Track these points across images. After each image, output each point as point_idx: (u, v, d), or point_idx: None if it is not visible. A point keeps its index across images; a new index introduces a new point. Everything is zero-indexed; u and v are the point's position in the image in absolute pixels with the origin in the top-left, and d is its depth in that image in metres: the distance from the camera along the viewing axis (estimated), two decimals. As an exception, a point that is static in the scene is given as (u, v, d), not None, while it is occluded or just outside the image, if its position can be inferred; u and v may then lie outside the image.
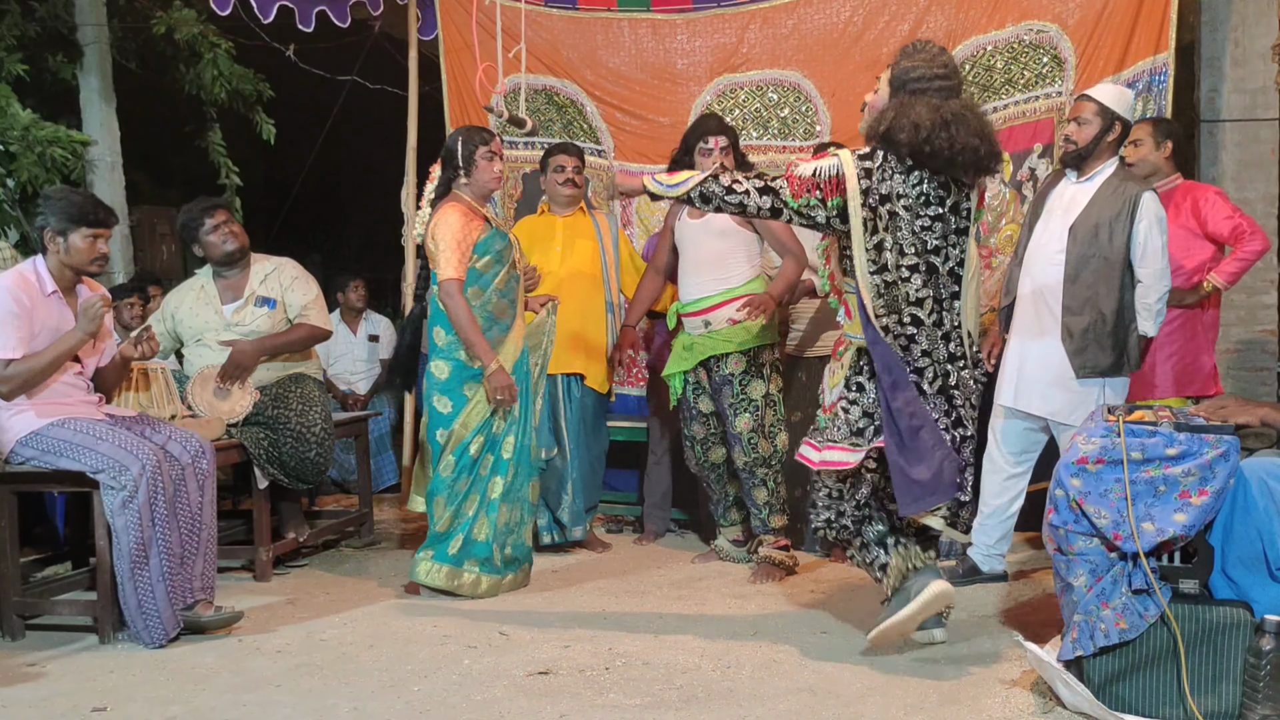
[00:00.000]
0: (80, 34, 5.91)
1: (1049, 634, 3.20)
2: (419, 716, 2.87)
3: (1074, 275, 3.74)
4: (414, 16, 5.74)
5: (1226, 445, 2.64)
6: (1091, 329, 3.71)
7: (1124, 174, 3.83)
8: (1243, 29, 5.23)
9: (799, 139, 5.27)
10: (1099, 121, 3.74)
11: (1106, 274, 3.69)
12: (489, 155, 4.05)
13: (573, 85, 5.59)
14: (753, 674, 3.14)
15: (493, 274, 4.04)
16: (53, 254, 3.63)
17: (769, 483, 4.30)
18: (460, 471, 4.04)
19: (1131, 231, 3.66)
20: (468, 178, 4.06)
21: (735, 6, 5.39)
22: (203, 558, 3.69)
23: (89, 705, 3.00)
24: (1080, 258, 3.72)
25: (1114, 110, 3.73)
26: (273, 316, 4.47)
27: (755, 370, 4.26)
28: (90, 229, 3.62)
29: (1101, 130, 3.74)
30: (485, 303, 4.04)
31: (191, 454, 3.73)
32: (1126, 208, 3.67)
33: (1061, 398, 3.78)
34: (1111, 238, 3.67)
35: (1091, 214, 3.73)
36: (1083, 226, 3.73)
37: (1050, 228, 3.84)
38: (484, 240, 4.02)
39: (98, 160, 5.94)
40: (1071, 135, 3.79)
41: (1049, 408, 3.82)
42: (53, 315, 3.62)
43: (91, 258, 3.64)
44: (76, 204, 3.63)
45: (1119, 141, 3.81)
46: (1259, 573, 2.64)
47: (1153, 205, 3.67)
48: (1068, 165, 3.88)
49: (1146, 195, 3.68)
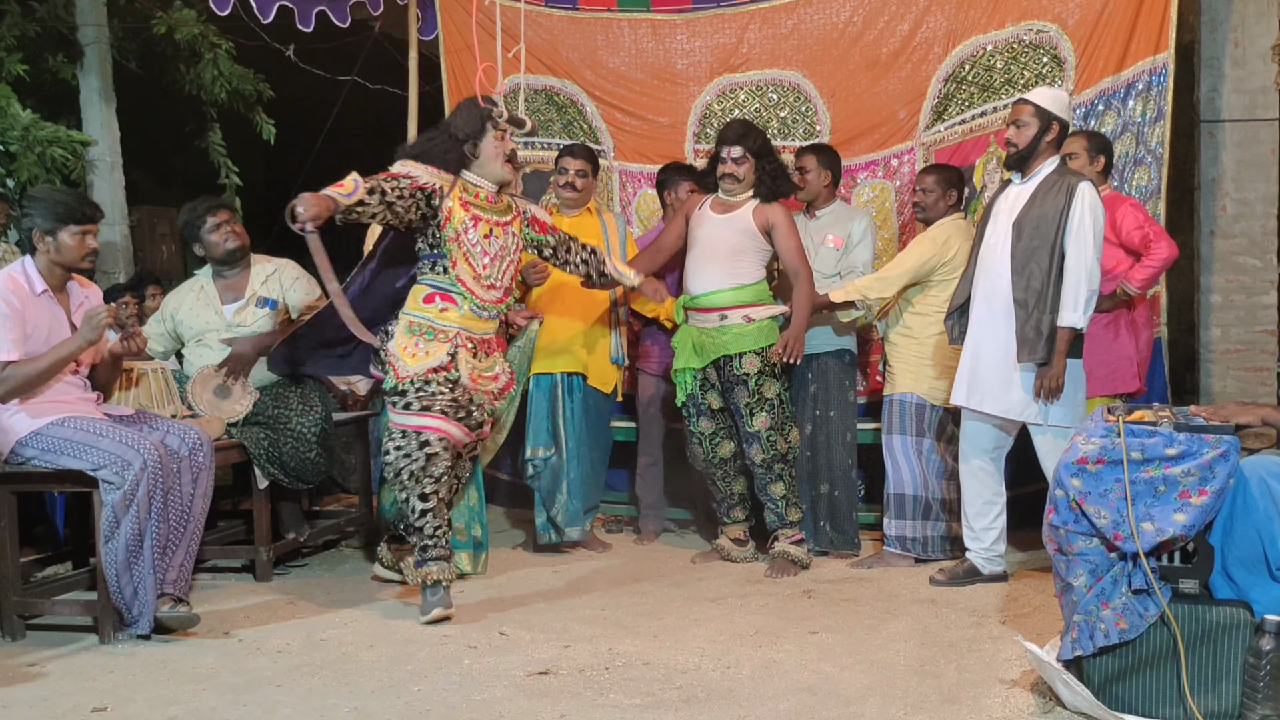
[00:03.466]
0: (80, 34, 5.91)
1: (1049, 634, 3.21)
2: (419, 716, 2.87)
3: (1020, 268, 3.83)
4: (414, 16, 5.74)
5: (1226, 445, 2.64)
6: (1034, 319, 3.78)
7: (1062, 169, 3.92)
8: (1243, 29, 5.23)
9: (799, 139, 5.27)
10: (1036, 123, 3.85)
11: (1048, 264, 3.77)
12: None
13: (573, 85, 5.59)
14: (753, 674, 3.14)
15: None
16: (42, 253, 3.62)
17: (785, 477, 4.36)
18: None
19: (1067, 217, 3.75)
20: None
21: (735, 7, 5.39)
22: (184, 550, 3.71)
23: (89, 705, 3.00)
24: (1025, 250, 3.82)
25: (1050, 111, 3.85)
26: (273, 317, 4.47)
27: (769, 369, 4.28)
28: (78, 225, 3.62)
29: (1040, 130, 3.86)
30: None
31: (189, 446, 3.74)
32: (1065, 196, 3.77)
33: (1015, 395, 3.86)
34: (1052, 226, 3.77)
35: (1034, 208, 3.83)
36: (1026, 220, 3.83)
37: (997, 228, 3.94)
38: None
39: (98, 160, 5.94)
40: (1012, 138, 3.91)
41: (1002, 406, 3.88)
42: (44, 315, 3.62)
43: (82, 254, 3.65)
44: (63, 202, 3.63)
45: (1058, 140, 3.91)
46: (1259, 573, 2.65)
47: (1089, 194, 3.77)
48: (1011, 168, 3.99)
49: (1084, 184, 3.78)
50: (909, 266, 4.33)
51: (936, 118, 5.09)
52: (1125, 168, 4.80)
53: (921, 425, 4.39)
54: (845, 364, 4.65)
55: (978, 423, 4.02)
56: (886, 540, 4.44)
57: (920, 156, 5.09)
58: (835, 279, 4.57)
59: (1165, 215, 4.82)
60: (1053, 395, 3.79)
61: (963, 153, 5.01)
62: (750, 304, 4.31)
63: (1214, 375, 5.32)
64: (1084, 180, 3.81)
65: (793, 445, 4.37)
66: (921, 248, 4.35)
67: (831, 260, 4.60)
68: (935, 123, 5.10)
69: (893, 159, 5.19)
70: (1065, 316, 3.75)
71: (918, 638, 3.46)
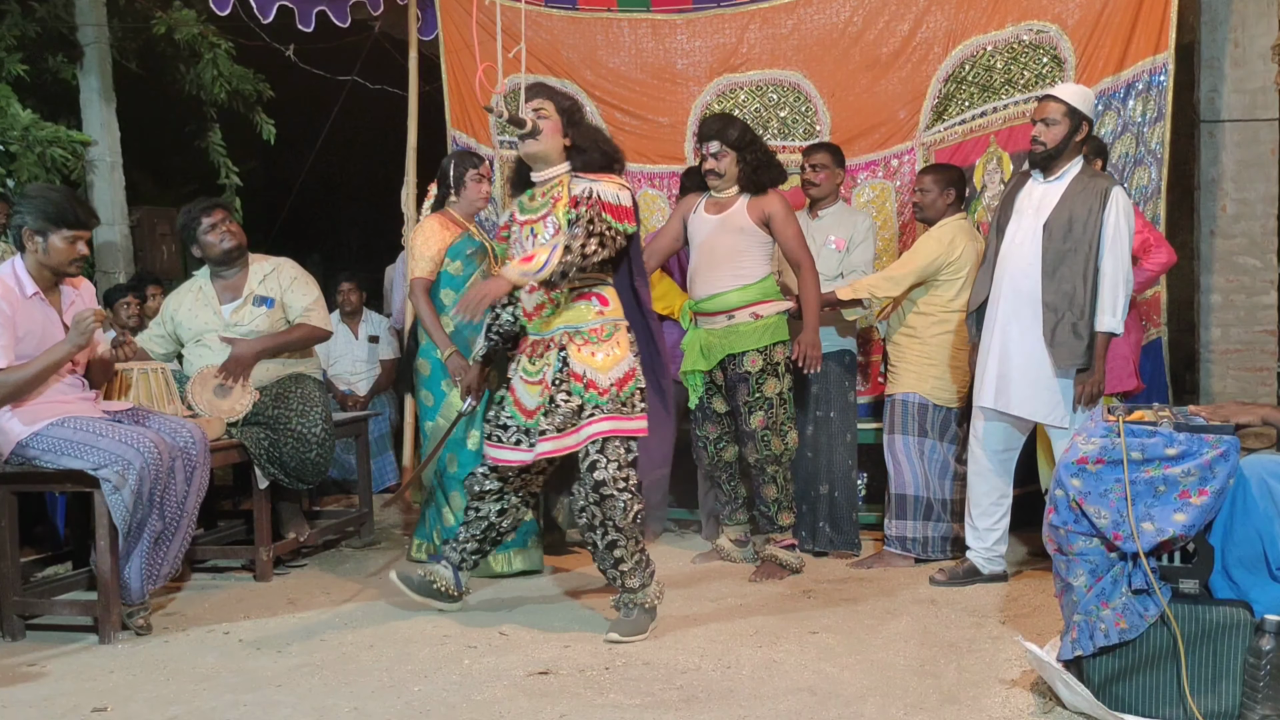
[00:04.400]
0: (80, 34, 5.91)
1: (1049, 634, 3.21)
2: (419, 716, 2.87)
3: (1052, 271, 3.79)
4: (414, 16, 5.74)
5: (1226, 445, 2.64)
6: (1069, 324, 3.76)
7: (1091, 171, 3.90)
8: (1242, 29, 5.23)
9: (799, 139, 5.27)
10: (1067, 122, 3.79)
11: (1082, 268, 3.74)
12: (478, 178, 4.48)
13: (573, 85, 5.59)
14: (753, 674, 3.14)
15: (464, 276, 4.35)
16: (31, 254, 3.57)
17: (779, 479, 4.32)
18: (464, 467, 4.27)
19: (1102, 222, 3.72)
20: (457, 196, 4.48)
21: (735, 6, 5.39)
22: (177, 544, 3.72)
23: (89, 705, 3.00)
24: (1057, 253, 3.78)
25: (1081, 110, 3.80)
26: (271, 316, 4.47)
27: (770, 368, 4.27)
28: (70, 230, 3.55)
29: (1070, 130, 3.80)
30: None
31: (184, 442, 3.74)
32: (1098, 200, 3.73)
33: (1043, 398, 3.83)
34: (1085, 230, 3.73)
35: (1064, 210, 3.78)
36: (1057, 222, 3.79)
37: (1023, 227, 3.89)
38: (454, 246, 4.37)
39: (98, 160, 5.94)
40: (1040, 136, 3.83)
41: (1029, 408, 3.86)
42: (36, 317, 3.58)
43: (70, 259, 3.59)
44: (55, 204, 3.55)
45: (1085, 140, 3.87)
46: (1259, 573, 2.65)
47: (1122, 198, 3.75)
48: (1035, 166, 3.92)
49: (1117, 189, 3.76)
50: (917, 266, 4.32)
51: (936, 118, 5.09)
52: (1125, 168, 4.80)
53: (924, 425, 4.38)
54: (845, 365, 4.65)
55: (996, 423, 3.99)
56: (887, 540, 4.44)
57: (920, 156, 5.09)
58: (839, 280, 4.56)
59: (1165, 215, 4.82)
60: (1093, 401, 3.76)
61: (963, 153, 5.02)
62: (756, 301, 4.26)
63: (1214, 375, 5.32)
64: (1116, 184, 3.77)
65: (789, 448, 4.31)
66: (928, 247, 4.34)
67: (834, 262, 4.59)
68: (935, 123, 5.10)
69: (893, 159, 5.19)
70: (1104, 321, 3.73)
71: (918, 638, 3.46)
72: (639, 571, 3.52)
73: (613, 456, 3.43)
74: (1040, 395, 3.83)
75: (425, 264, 4.33)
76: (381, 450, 6.45)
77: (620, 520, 3.43)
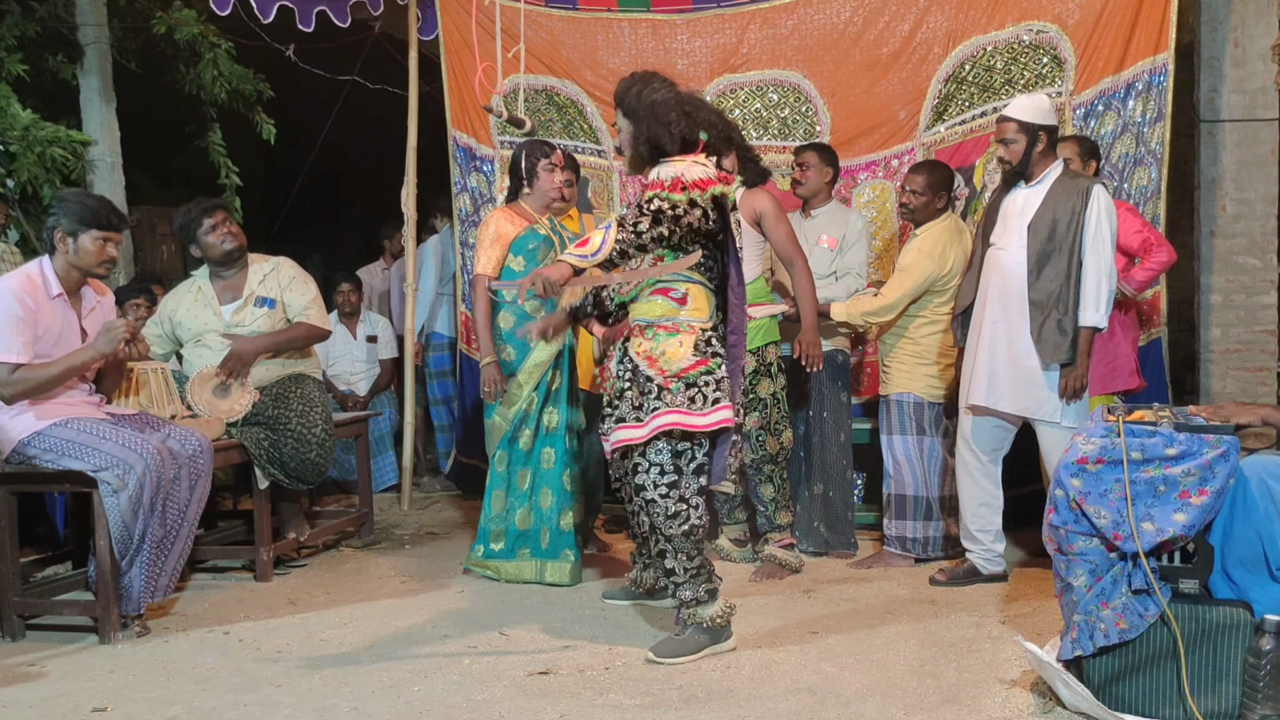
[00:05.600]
0: (80, 34, 5.90)
1: (1049, 634, 3.21)
2: (419, 716, 2.87)
3: (1036, 269, 3.85)
4: (414, 16, 5.75)
5: (1226, 445, 2.64)
6: (1054, 320, 3.81)
7: (1071, 172, 3.96)
8: (1242, 29, 5.23)
9: (799, 139, 5.27)
10: (1024, 138, 3.88)
11: (1066, 266, 3.80)
12: (550, 167, 4.32)
13: (573, 85, 5.59)
14: (753, 674, 3.14)
15: (525, 272, 4.15)
16: (60, 254, 3.65)
17: (775, 479, 4.33)
18: (513, 465, 4.25)
19: (1084, 220, 3.78)
20: (530, 188, 4.33)
21: (735, 7, 5.40)
22: (177, 552, 3.73)
23: (89, 705, 3.00)
24: (1041, 252, 3.84)
25: (1033, 123, 3.86)
26: (272, 316, 4.47)
27: (764, 369, 4.27)
28: (101, 232, 3.65)
29: (1028, 144, 3.88)
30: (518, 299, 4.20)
31: (190, 451, 3.75)
32: (1080, 199, 3.80)
33: (1031, 394, 3.87)
34: (1069, 229, 3.79)
35: (1048, 211, 3.85)
36: (1040, 222, 3.85)
37: (1009, 229, 3.95)
38: (518, 239, 4.25)
39: (98, 160, 5.93)
40: (1004, 156, 3.94)
41: (1019, 404, 3.89)
42: (57, 318, 3.63)
43: (100, 260, 3.67)
44: (90, 206, 3.66)
45: (1050, 146, 3.92)
46: (1259, 573, 2.65)
47: (1103, 196, 3.81)
48: (1011, 182, 3.99)
49: (1098, 187, 3.82)
50: (912, 288, 4.31)
51: (937, 118, 5.09)
52: (1125, 168, 4.80)
53: (922, 424, 4.38)
54: (839, 365, 4.64)
55: (983, 423, 4.02)
56: (886, 540, 4.44)
57: (921, 157, 5.09)
58: (830, 279, 4.56)
59: (1165, 215, 4.83)
60: (1077, 395, 3.81)
61: (963, 153, 5.02)
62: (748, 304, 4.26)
63: (1214, 375, 5.32)
64: (1097, 183, 3.84)
65: (784, 446, 4.34)
66: (922, 266, 4.32)
67: (826, 261, 4.59)
68: (935, 123, 5.10)
69: (893, 159, 5.19)
70: (1087, 316, 3.78)
71: (918, 638, 3.46)
72: (693, 585, 3.30)
73: (655, 460, 3.25)
74: (1030, 391, 3.87)
75: (488, 259, 4.21)
76: (381, 450, 6.45)
77: (666, 528, 3.23)
